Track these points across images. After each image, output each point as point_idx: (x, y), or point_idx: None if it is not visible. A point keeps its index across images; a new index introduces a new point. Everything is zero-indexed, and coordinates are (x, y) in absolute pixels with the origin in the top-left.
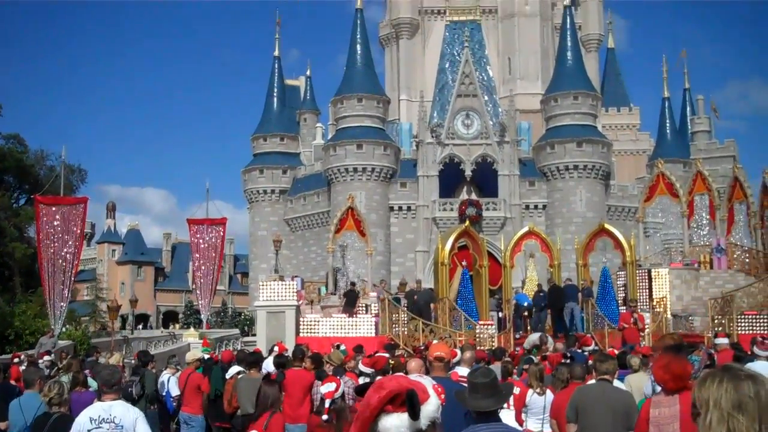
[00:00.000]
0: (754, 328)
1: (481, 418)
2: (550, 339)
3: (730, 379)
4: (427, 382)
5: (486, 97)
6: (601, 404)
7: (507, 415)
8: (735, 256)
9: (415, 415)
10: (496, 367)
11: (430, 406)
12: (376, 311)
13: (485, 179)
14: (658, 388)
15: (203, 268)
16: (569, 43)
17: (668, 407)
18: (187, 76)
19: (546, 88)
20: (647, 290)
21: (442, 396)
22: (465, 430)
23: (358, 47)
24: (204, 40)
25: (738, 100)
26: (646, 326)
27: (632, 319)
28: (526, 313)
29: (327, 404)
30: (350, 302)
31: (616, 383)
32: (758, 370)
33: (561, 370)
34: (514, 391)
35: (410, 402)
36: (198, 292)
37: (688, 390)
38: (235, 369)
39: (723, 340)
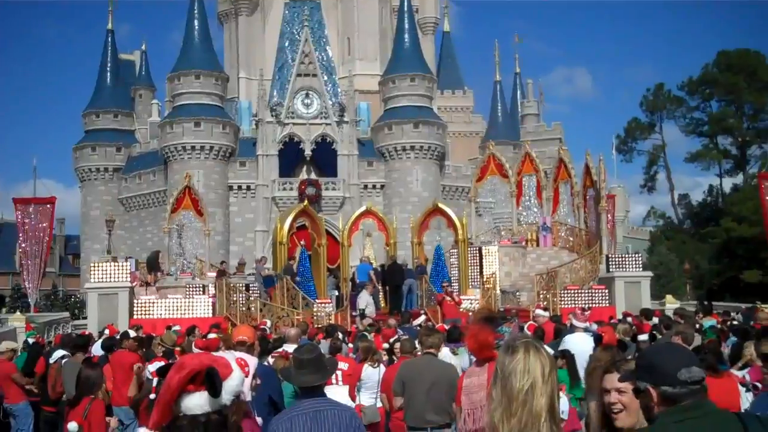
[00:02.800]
0: (576, 301)
1: (307, 393)
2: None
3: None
4: (230, 356)
5: (326, 77)
6: (426, 377)
7: (340, 391)
8: (560, 234)
9: (215, 392)
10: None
11: (234, 381)
12: (214, 292)
13: (325, 159)
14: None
15: (31, 249)
16: (407, 26)
17: (477, 376)
18: (12, 50)
19: (384, 69)
20: (478, 267)
21: (246, 369)
22: (290, 405)
23: (196, 22)
24: (32, 12)
25: (563, 85)
26: (474, 301)
27: (448, 298)
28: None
29: (155, 383)
30: None
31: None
32: (576, 340)
33: (394, 345)
34: (342, 367)
35: (210, 380)
36: (25, 274)
37: (494, 360)
38: (59, 353)
39: (542, 312)
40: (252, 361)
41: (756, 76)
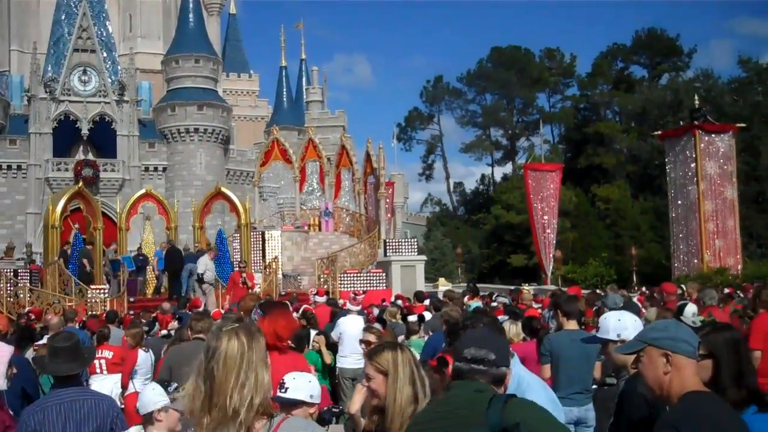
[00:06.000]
0: (355, 285)
1: (61, 382)
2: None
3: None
4: None
5: (105, 54)
6: (193, 363)
7: (105, 380)
8: (341, 219)
9: None
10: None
11: None
12: None
13: (103, 139)
14: None
15: None
16: (191, 5)
17: None
18: None
19: (168, 48)
20: (261, 251)
21: None
22: (43, 396)
23: None
24: None
25: (345, 73)
26: (257, 285)
27: (241, 279)
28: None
29: None
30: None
31: None
32: (349, 322)
33: (180, 333)
34: (106, 355)
35: None
36: None
37: (280, 349)
38: None
39: (320, 298)
40: (6, 350)
41: (526, 72)
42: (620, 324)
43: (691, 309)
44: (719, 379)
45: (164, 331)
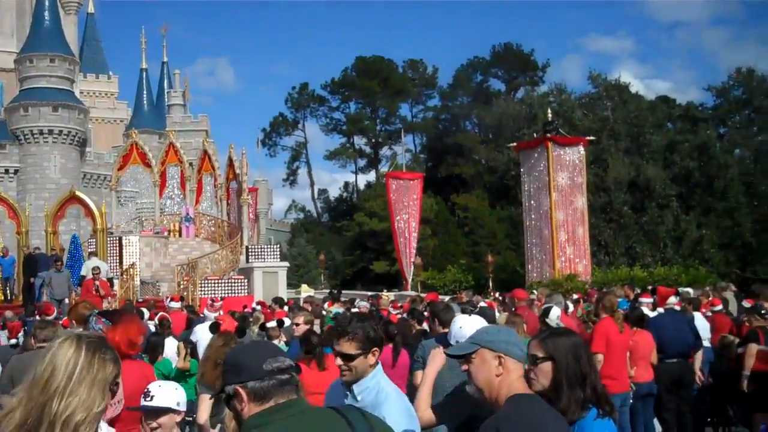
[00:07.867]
0: (215, 291)
1: None
2: None
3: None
4: None
5: None
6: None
7: None
8: (202, 224)
9: None
10: None
11: None
12: None
13: None
14: None
15: None
16: (47, 3)
17: None
18: None
19: (22, 47)
20: (118, 257)
21: None
22: None
23: None
24: None
25: (208, 77)
26: (113, 292)
27: (94, 287)
28: None
29: None
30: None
31: None
32: (205, 329)
33: (25, 341)
34: None
35: None
36: None
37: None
38: None
39: (175, 304)
40: None
41: (389, 82)
42: (460, 332)
43: (555, 312)
44: (557, 382)
45: (13, 341)
